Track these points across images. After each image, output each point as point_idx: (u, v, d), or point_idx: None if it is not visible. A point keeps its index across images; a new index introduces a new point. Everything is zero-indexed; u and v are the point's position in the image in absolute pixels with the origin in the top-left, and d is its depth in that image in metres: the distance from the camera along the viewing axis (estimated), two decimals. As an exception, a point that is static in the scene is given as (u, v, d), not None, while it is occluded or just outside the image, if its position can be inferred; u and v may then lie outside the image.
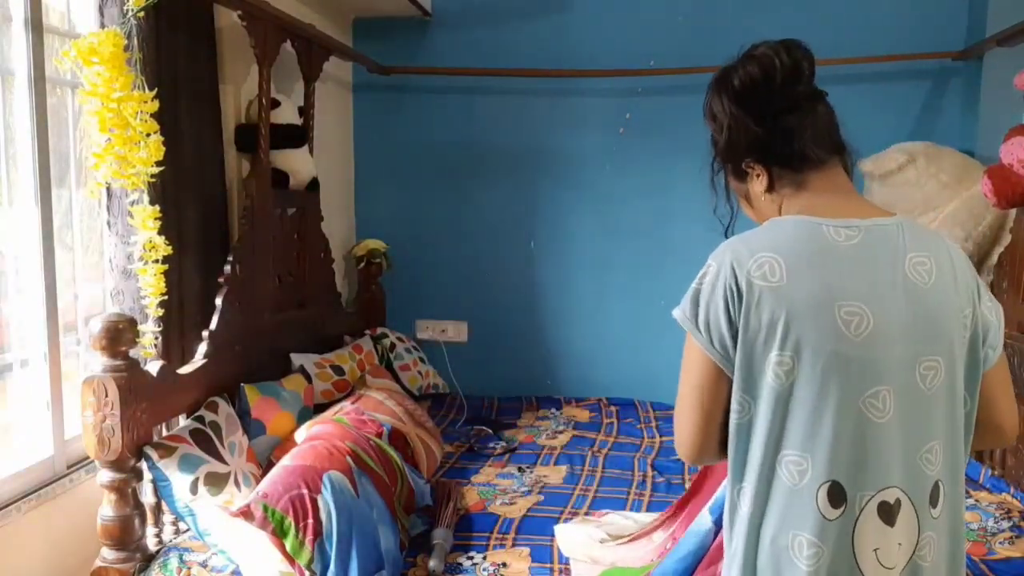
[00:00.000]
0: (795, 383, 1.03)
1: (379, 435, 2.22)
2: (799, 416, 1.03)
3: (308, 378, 2.61)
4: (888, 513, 1.04)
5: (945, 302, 1.06)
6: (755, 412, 1.06)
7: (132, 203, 1.92)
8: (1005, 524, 2.06)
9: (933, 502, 1.06)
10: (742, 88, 1.13)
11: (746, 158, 1.17)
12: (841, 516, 1.03)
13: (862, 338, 1.02)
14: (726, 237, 1.17)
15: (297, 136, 2.73)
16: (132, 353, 1.86)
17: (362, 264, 3.46)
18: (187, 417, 2.08)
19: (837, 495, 1.03)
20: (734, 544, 1.09)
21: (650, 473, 2.54)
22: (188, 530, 1.96)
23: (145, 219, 1.89)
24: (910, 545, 1.05)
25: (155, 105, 1.83)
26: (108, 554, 1.83)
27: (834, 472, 1.02)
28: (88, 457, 1.92)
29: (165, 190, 2.04)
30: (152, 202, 1.92)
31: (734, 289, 1.05)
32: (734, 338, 1.05)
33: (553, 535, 2.04)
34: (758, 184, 1.17)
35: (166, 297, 1.97)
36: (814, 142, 1.13)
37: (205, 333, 2.22)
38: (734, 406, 1.07)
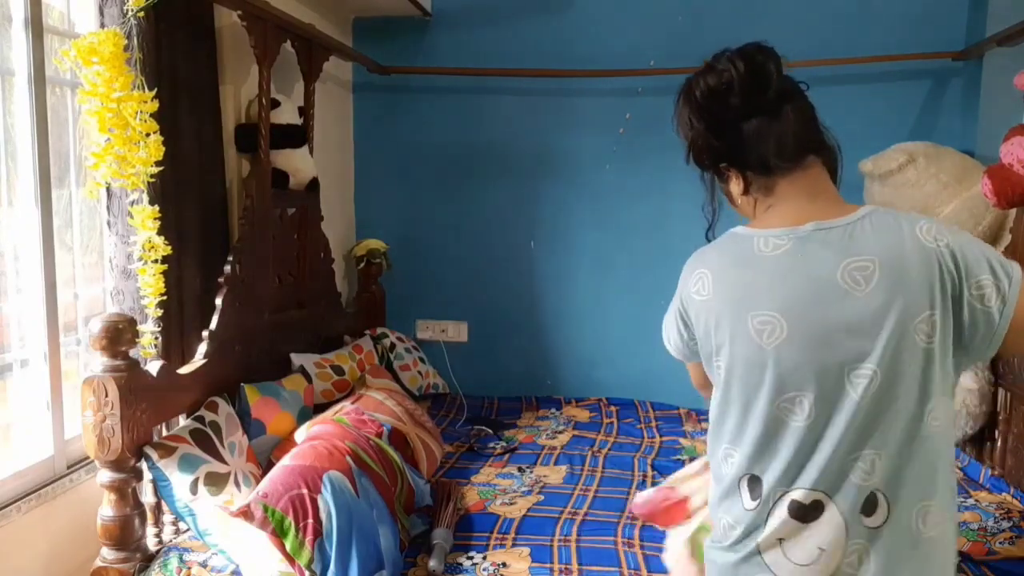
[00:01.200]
0: (729, 385, 1.14)
1: (379, 435, 2.22)
2: (733, 414, 1.14)
3: (308, 378, 2.61)
4: (802, 512, 1.08)
5: (883, 309, 1.02)
6: (712, 405, 1.19)
7: (132, 203, 1.92)
8: (1005, 524, 2.06)
9: (867, 511, 1.05)
10: (702, 99, 1.14)
11: (719, 163, 1.20)
12: (756, 508, 1.11)
13: (774, 346, 1.07)
14: (707, 239, 1.25)
15: (297, 136, 2.73)
16: (132, 353, 1.86)
17: (362, 264, 3.46)
18: (187, 417, 2.08)
19: (755, 488, 1.11)
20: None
21: (650, 473, 2.54)
22: (188, 530, 1.96)
23: (145, 219, 1.89)
24: (837, 552, 1.05)
25: (155, 105, 1.83)
26: (108, 554, 1.84)
27: (753, 467, 1.11)
28: (88, 457, 1.92)
29: (165, 190, 2.04)
30: (152, 202, 1.92)
31: (680, 309, 1.24)
32: (694, 345, 1.22)
33: (553, 534, 2.04)
34: (735, 186, 1.20)
35: (165, 297, 1.97)
36: (777, 149, 1.13)
37: (205, 333, 2.22)
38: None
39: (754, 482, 1.11)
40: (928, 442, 1.06)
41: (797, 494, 1.08)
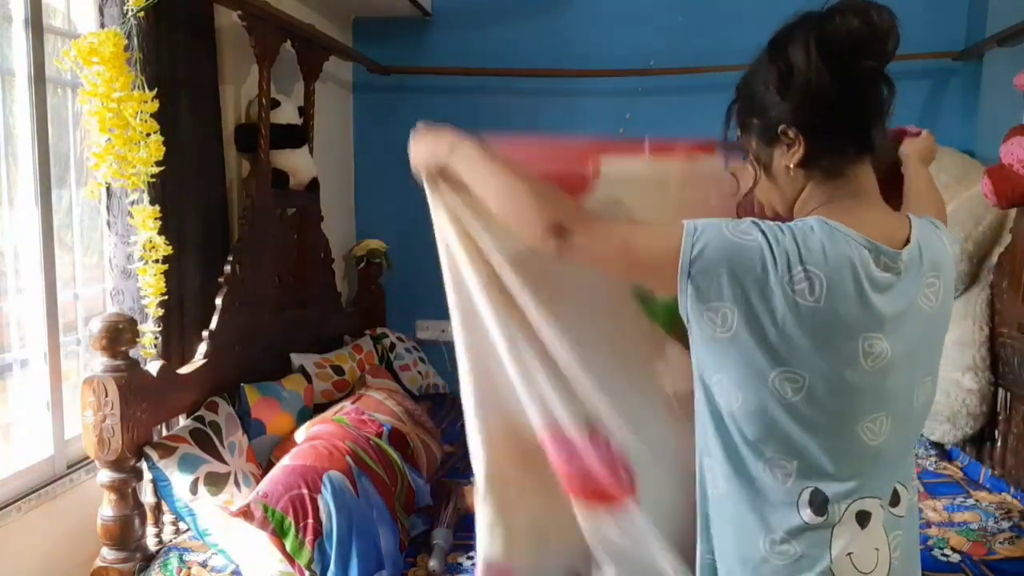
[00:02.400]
0: (802, 399, 0.99)
1: (379, 435, 2.22)
2: (801, 426, 1.00)
3: (308, 378, 2.61)
4: (862, 518, 1.03)
5: (940, 326, 1.09)
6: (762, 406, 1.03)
7: (132, 203, 1.92)
8: (1005, 524, 2.06)
9: (894, 503, 1.05)
10: (835, 37, 1.00)
11: (786, 123, 1.01)
12: (821, 523, 1.00)
13: (878, 368, 0.98)
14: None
15: (297, 136, 2.73)
16: (132, 353, 1.86)
17: (362, 264, 3.46)
18: (187, 417, 2.08)
19: (817, 502, 1.00)
20: None
21: (650, 473, 2.54)
22: (188, 530, 1.96)
23: (145, 219, 1.89)
24: (885, 549, 1.03)
25: (155, 105, 1.83)
26: (108, 554, 1.83)
27: (817, 481, 1.00)
28: (88, 457, 1.92)
29: (165, 190, 2.04)
30: (152, 202, 1.92)
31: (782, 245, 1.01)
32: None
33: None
34: (787, 156, 1.03)
35: (166, 297, 1.97)
36: (874, 125, 1.04)
37: (205, 333, 2.22)
38: None
39: (818, 496, 1.00)
40: (919, 422, 1.09)
41: (862, 504, 1.01)
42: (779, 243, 0.94)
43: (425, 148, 1.30)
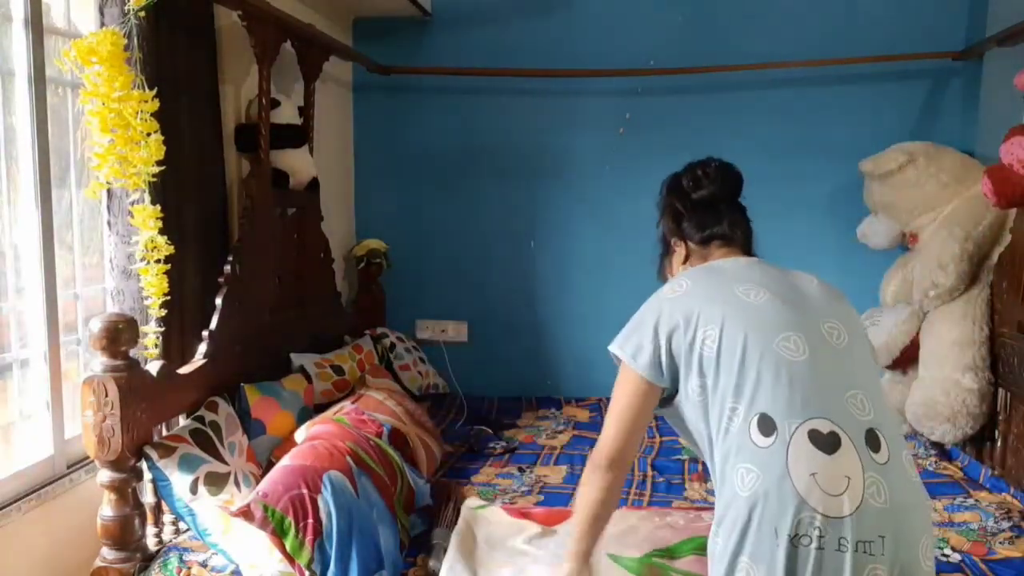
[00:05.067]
0: (722, 348, 1.28)
1: (379, 435, 2.22)
2: (730, 372, 1.26)
3: (308, 378, 2.61)
4: (821, 441, 1.18)
5: (828, 293, 1.41)
6: (705, 382, 1.31)
7: (133, 203, 1.92)
8: (1005, 524, 2.06)
9: (873, 447, 1.20)
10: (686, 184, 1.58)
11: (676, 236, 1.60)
12: (772, 444, 1.19)
13: (763, 301, 1.32)
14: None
15: (297, 136, 2.73)
16: (134, 353, 1.86)
17: (362, 264, 3.46)
18: (187, 417, 2.08)
19: (765, 425, 1.21)
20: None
21: (650, 473, 2.54)
22: (188, 530, 1.96)
23: (147, 219, 1.89)
24: (859, 481, 1.16)
25: (155, 104, 1.83)
26: (108, 554, 1.83)
27: (761, 407, 1.22)
28: (88, 457, 1.92)
29: (165, 190, 2.04)
30: (153, 202, 1.91)
31: (656, 315, 1.46)
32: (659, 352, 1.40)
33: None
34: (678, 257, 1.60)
35: (168, 297, 1.97)
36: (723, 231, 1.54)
37: (205, 333, 2.22)
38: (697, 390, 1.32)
39: (764, 421, 1.21)
40: (887, 397, 1.35)
41: (814, 423, 1.19)
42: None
43: None
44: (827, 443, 1.18)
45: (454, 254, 3.60)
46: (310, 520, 1.75)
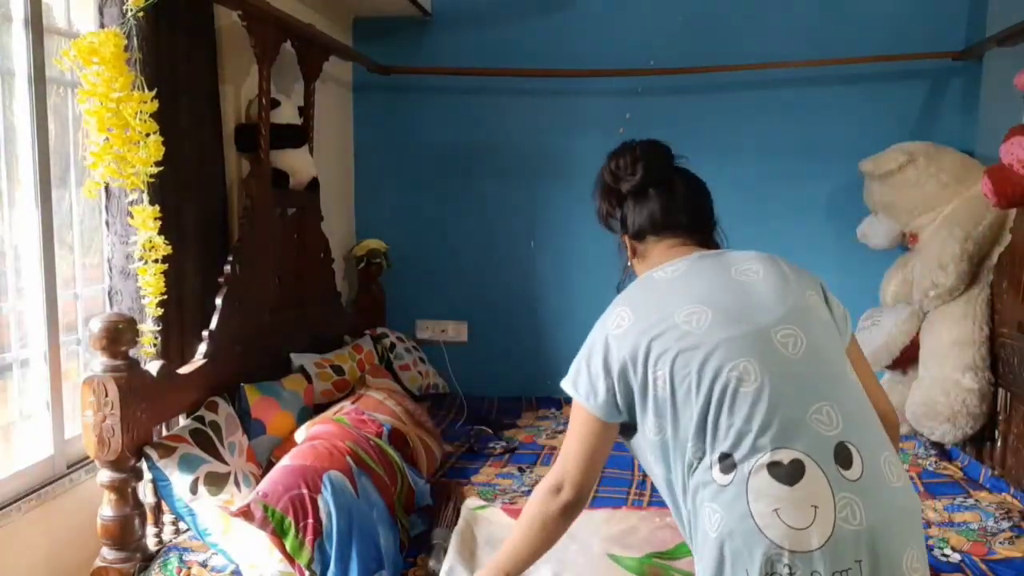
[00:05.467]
0: (676, 388, 1.19)
1: (379, 435, 2.22)
2: (689, 413, 1.18)
3: (308, 378, 2.61)
4: (782, 473, 1.11)
5: (782, 288, 1.25)
6: (660, 432, 1.22)
7: (132, 203, 1.92)
8: (1005, 524, 2.06)
9: (843, 463, 1.12)
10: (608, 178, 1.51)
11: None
12: (732, 482, 1.13)
13: (705, 328, 1.20)
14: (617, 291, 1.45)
15: (297, 136, 2.73)
16: (133, 353, 1.86)
17: (362, 264, 3.46)
18: (187, 417, 2.08)
19: (725, 462, 1.14)
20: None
21: (650, 473, 2.54)
22: (188, 530, 1.96)
23: (145, 219, 1.89)
24: (828, 507, 1.09)
25: (155, 105, 1.83)
26: (108, 554, 1.84)
27: (719, 447, 1.15)
28: (88, 457, 1.92)
29: (165, 190, 2.04)
30: (151, 202, 1.91)
31: (603, 354, 1.30)
32: (612, 395, 1.28)
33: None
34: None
35: (165, 297, 1.97)
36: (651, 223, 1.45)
37: (205, 333, 2.22)
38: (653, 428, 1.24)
39: (724, 458, 1.14)
40: (861, 395, 1.22)
41: (774, 455, 1.11)
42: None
43: None
44: (788, 474, 1.10)
45: (454, 254, 3.60)
46: (310, 520, 1.75)
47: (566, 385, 1.36)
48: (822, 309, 1.27)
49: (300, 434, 2.19)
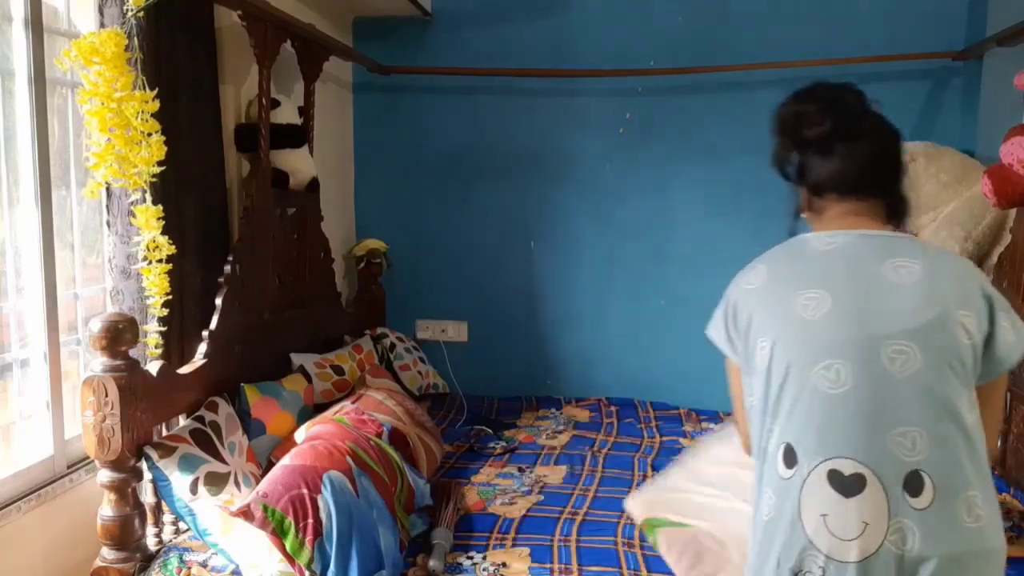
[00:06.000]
0: (771, 362, 1.20)
1: (379, 435, 2.22)
2: (775, 388, 1.19)
3: (308, 378, 2.61)
4: (841, 483, 1.11)
5: (926, 299, 1.14)
6: (756, 390, 1.24)
7: (134, 203, 1.92)
8: (1005, 524, 2.06)
9: (912, 490, 1.09)
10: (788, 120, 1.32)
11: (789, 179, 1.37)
12: (792, 476, 1.15)
13: (816, 318, 1.18)
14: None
15: (297, 136, 2.73)
16: (135, 353, 1.86)
17: (362, 264, 3.46)
18: (187, 417, 2.08)
19: (789, 457, 1.16)
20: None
21: (650, 473, 2.54)
22: (188, 530, 1.96)
23: (149, 219, 1.89)
24: (881, 526, 1.08)
25: (156, 105, 1.83)
26: (108, 554, 1.84)
27: (788, 436, 1.17)
28: (88, 457, 1.92)
29: (165, 190, 2.04)
30: (153, 202, 1.91)
31: (730, 304, 1.31)
32: (739, 344, 1.29)
33: (553, 534, 2.04)
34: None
35: (170, 297, 1.97)
36: (833, 181, 1.28)
37: (205, 333, 2.22)
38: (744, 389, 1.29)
39: (789, 452, 1.16)
40: (970, 431, 1.14)
41: (836, 463, 1.12)
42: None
43: None
44: (846, 485, 1.10)
45: (454, 254, 3.60)
46: (310, 520, 1.75)
47: (709, 331, 1.38)
48: (962, 334, 1.13)
49: (300, 434, 2.19)
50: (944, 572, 1.08)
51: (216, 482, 1.90)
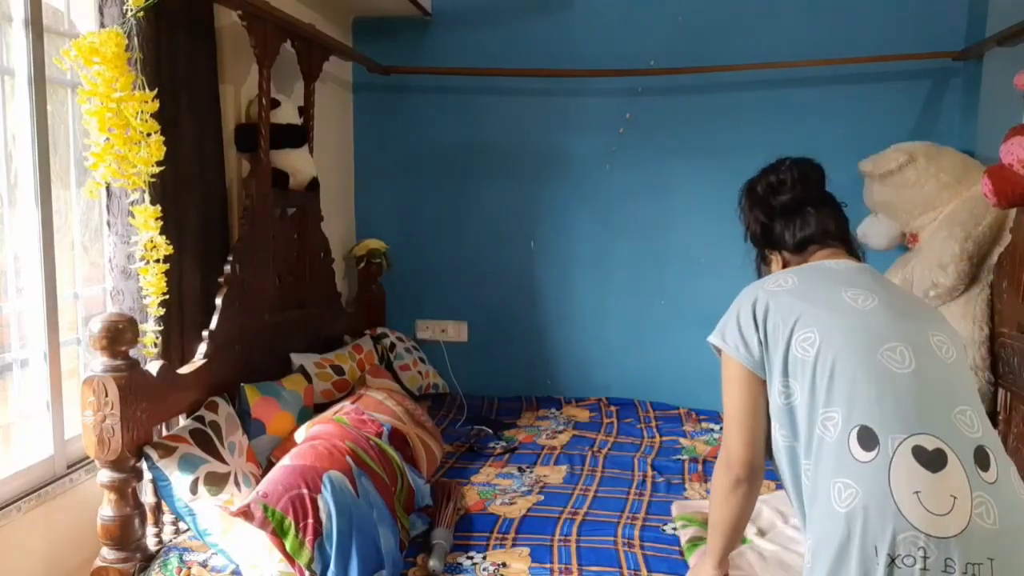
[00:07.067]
0: (822, 351, 1.24)
1: (379, 435, 2.22)
2: (829, 376, 1.22)
3: (308, 378, 2.61)
4: (927, 458, 1.13)
5: (936, 312, 1.36)
6: (803, 384, 1.25)
7: (133, 203, 1.92)
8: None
9: (981, 465, 1.15)
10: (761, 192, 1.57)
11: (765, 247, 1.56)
12: (874, 459, 1.15)
13: (870, 308, 1.27)
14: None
15: (297, 136, 2.73)
16: (133, 353, 1.86)
17: (362, 264, 3.46)
18: (187, 417, 2.08)
19: (867, 439, 1.16)
20: (806, 523, 1.27)
21: (650, 473, 2.54)
22: (188, 530, 1.96)
23: (147, 219, 1.89)
24: (966, 501, 1.11)
25: (155, 105, 1.83)
26: (108, 554, 1.84)
27: (861, 419, 1.18)
28: (88, 457, 1.92)
29: (165, 190, 2.04)
30: (152, 202, 1.91)
31: (752, 307, 1.34)
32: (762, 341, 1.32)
33: (553, 534, 2.04)
34: (775, 265, 1.53)
35: (167, 296, 1.97)
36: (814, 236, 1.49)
37: (205, 333, 2.22)
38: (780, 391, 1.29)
39: (865, 433, 1.17)
40: (958, 376, 1.27)
41: (918, 440, 1.14)
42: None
43: None
44: (932, 460, 1.13)
45: (454, 254, 3.60)
46: (310, 520, 1.75)
47: (713, 339, 1.40)
48: (960, 339, 1.36)
49: (300, 434, 2.19)
50: (1020, 546, 1.12)
51: (216, 482, 1.90)
